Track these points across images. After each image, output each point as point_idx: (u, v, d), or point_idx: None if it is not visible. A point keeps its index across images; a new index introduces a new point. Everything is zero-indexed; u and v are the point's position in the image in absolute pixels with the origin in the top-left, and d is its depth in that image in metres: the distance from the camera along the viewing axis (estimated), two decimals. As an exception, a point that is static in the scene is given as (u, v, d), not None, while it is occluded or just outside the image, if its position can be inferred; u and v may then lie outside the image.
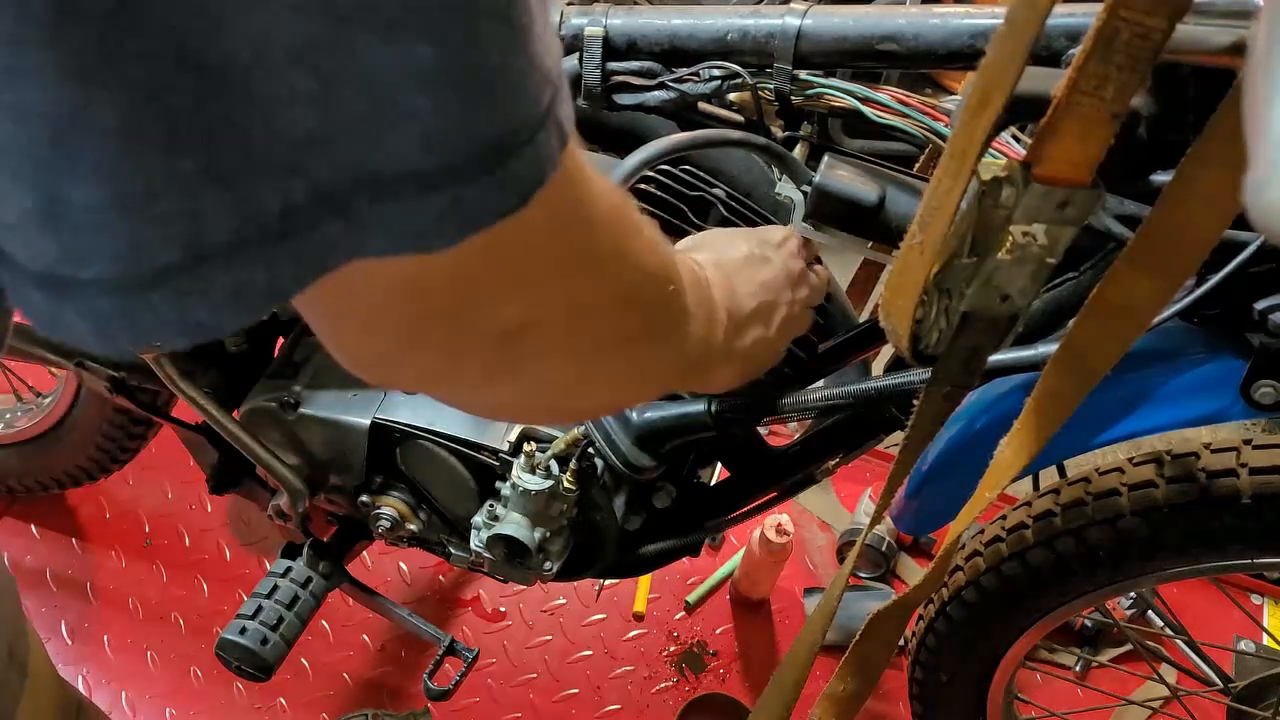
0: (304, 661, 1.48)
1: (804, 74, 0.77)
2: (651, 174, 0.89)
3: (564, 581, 1.03)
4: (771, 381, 0.85)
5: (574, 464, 0.90)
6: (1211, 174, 0.46)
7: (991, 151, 0.71)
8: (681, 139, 0.75)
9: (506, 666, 1.52)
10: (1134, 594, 1.52)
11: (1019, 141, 0.75)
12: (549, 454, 0.91)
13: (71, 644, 1.49)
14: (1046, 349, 0.73)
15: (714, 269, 0.63)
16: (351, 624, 1.53)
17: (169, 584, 1.57)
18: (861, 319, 0.93)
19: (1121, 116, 0.42)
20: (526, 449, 0.91)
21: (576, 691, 1.50)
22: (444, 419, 0.98)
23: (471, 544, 0.97)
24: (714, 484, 1.03)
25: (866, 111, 0.76)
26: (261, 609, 1.09)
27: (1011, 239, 0.48)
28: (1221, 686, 1.21)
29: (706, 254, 0.66)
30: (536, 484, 0.90)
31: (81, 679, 1.45)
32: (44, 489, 1.55)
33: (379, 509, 1.06)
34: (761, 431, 0.98)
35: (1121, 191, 0.71)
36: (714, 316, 0.59)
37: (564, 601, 1.59)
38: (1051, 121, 0.43)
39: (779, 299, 0.69)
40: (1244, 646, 1.52)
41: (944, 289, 0.51)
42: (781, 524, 1.46)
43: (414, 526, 1.07)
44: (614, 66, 0.82)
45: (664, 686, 1.51)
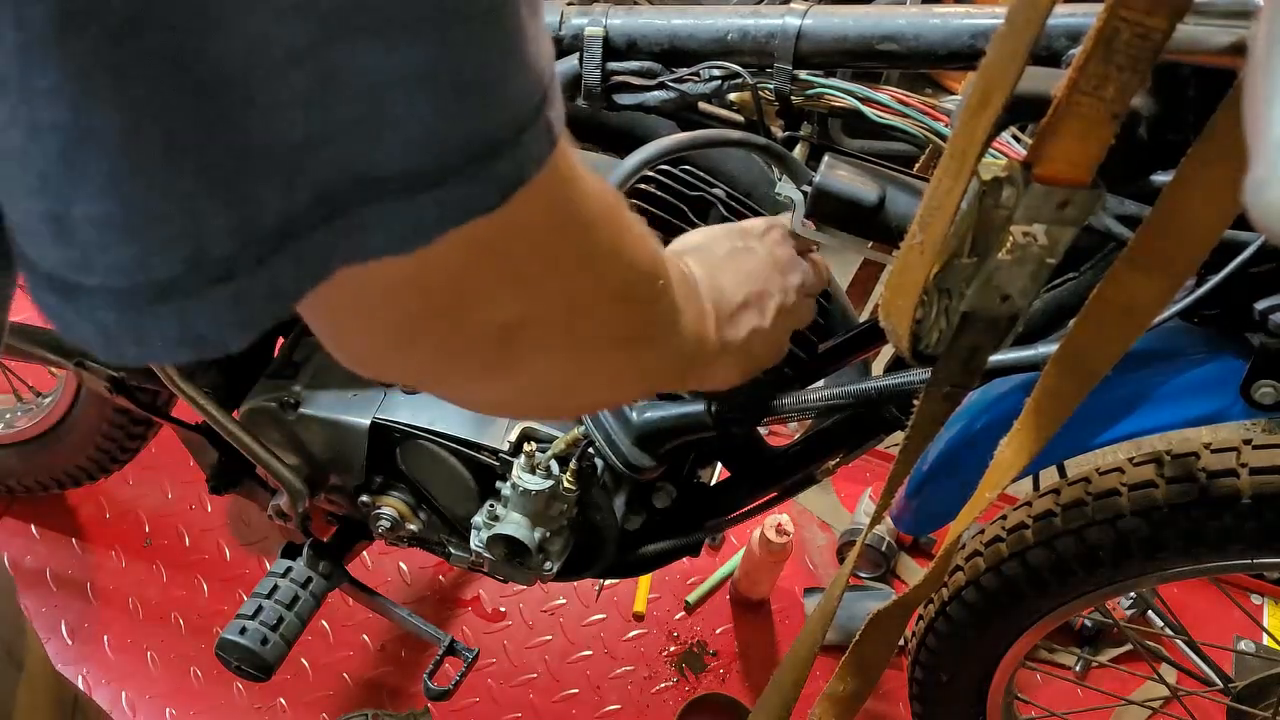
0: (304, 661, 1.48)
1: (804, 74, 0.78)
2: (651, 174, 0.89)
3: (564, 581, 1.03)
4: (771, 381, 0.85)
5: (574, 464, 0.90)
6: (1211, 174, 0.46)
7: (992, 151, 0.71)
8: (681, 139, 0.75)
9: (506, 666, 1.52)
10: (1134, 594, 1.51)
11: (1019, 141, 0.75)
12: (549, 454, 0.91)
13: (71, 644, 1.49)
14: (1046, 349, 0.73)
15: (698, 265, 0.63)
16: (351, 624, 1.53)
17: (169, 584, 1.57)
18: (861, 319, 0.93)
19: (1122, 116, 0.42)
20: (526, 449, 0.91)
21: (576, 691, 1.50)
22: (444, 419, 0.97)
23: (471, 544, 0.97)
24: (714, 484, 1.03)
25: (866, 111, 0.76)
26: (261, 609, 1.09)
27: (1011, 239, 0.48)
28: (1221, 686, 1.21)
29: (689, 252, 0.66)
30: (536, 484, 0.90)
31: (81, 679, 1.45)
32: (44, 489, 1.55)
33: (379, 509, 1.06)
34: (761, 431, 0.98)
35: (1121, 191, 0.71)
36: (703, 310, 0.60)
37: (564, 601, 1.59)
38: (1051, 121, 0.43)
39: (769, 287, 0.69)
40: (1244, 646, 1.52)
41: (944, 289, 0.51)
42: (781, 524, 1.46)
43: (414, 526, 1.06)
44: (614, 66, 0.82)
45: (664, 686, 1.51)
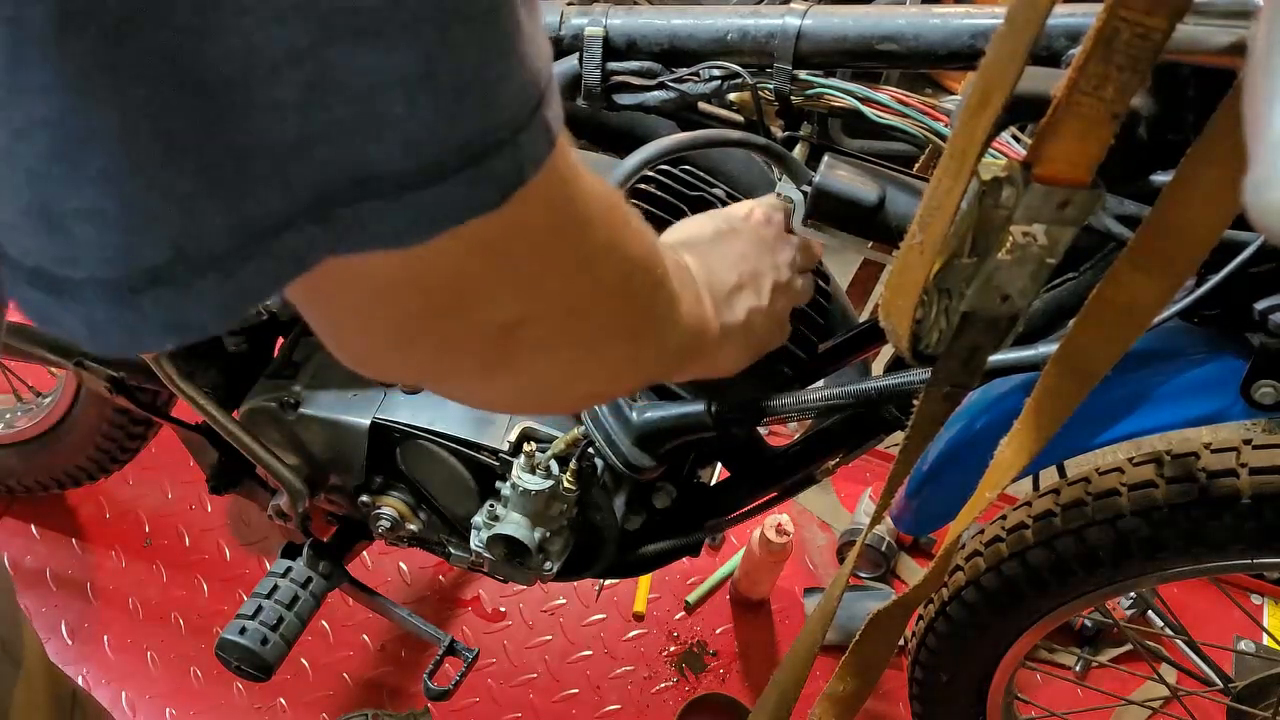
0: (304, 661, 1.48)
1: (804, 74, 0.77)
2: (651, 174, 0.89)
3: (564, 581, 1.03)
4: (771, 381, 0.85)
5: (574, 464, 0.90)
6: (1211, 174, 0.46)
7: (991, 151, 0.71)
8: (681, 139, 0.75)
9: (506, 666, 1.52)
10: (1134, 594, 1.51)
11: (1019, 141, 0.75)
12: (549, 454, 0.91)
13: (71, 644, 1.49)
14: (1046, 349, 0.73)
15: (688, 254, 0.64)
16: (351, 624, 1.53)
17: (169, 584, 1.57)
18: (861, 319, 0.93)
19: (1121, 116, 0.42)
20: (526, 449, 0.91)
21: (576, 691, 1.50)
22: (444, 419, 0.97)
23: (471, 544, 0.97)
24: (714, 484, 1.03)
25: (866, 111, 0.76)
26: (261, 609, 1.09)
27: (1011, 239, 0.48)
28: (1221, 686, 1.21)
29: (677, 243, 0.67)
30: (536, 484, 0.90)
31: (81, 679, 1.45)
32: (44, 489, 1.54)
33: (379, 509, 1.05)
34: (761, 431, 0.98)
35: (1121, 191, 0.71)
36: (699, 296, 0.60)
37: (564, 601, 1.59)
38: (1051, 121, 0.43)
39: (760, 267, 0.70)
40: (1244, 646, 1.52)
41: (944, 289, 0.51)
42: (781, 524, 1.46)
43: (414, 526, 1.06)
44: (614, 66, 0.82)
45: (664, 686, 1.51)
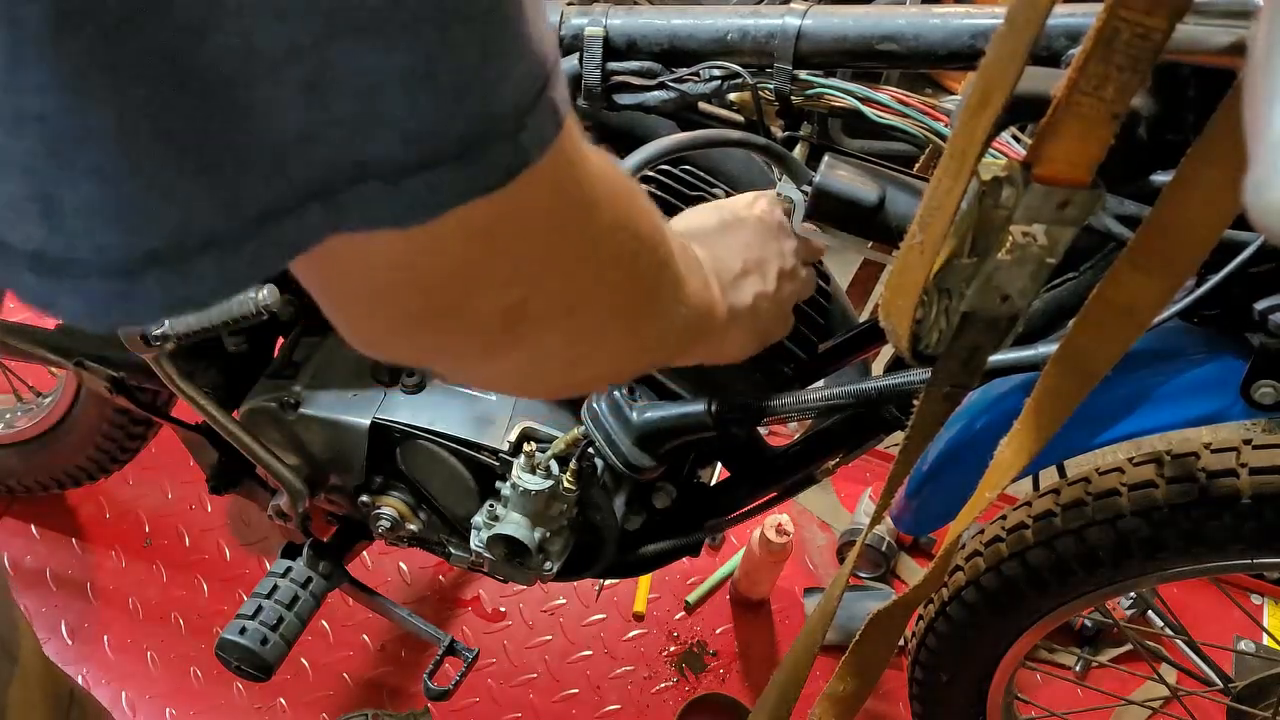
0: (304, 661, 1.48)
1: (804, 74, 0.78)
2: (651, 174, 0.89)
3: (564, 581, 1.03)
4: (771, 381, 0.85)
5: (574, 464, 0.90)
6: (1211, 174, 0.46)
7: (991, 151, 0.71)
8: (681, 139, 0.75)
9: (506, 666, 1.52)
10: (1134, 594, 1.51)
11: (1019, 141, 0.75)
12: (549, 454, 0.91)
13: (71, 644, 1.49)
14: (1046, 349, 0.73)
15: (694, 241, 0.64)
16: (351, 624, 1.53)
17: (169, 584, 1.57)
18: (861, 319, 0.93)
19: (1121, 116, 0.42)
20: (526, 449, 0.91)
21: (576, 691, 1.50)
22: (444, 419, 0.97)
23: (471, 544, 0.97)
24: (714, 484, 1.03)
25: (866, 111, 0.76)
26: (261, 609, 1.09)
27: (1011, 239, 0.48)
28: (1221, 686, 1.21)
29: (682, 231, 0.68)
30: (536, 484, 0.90)
31: (81, 679, 1.45)
32: (44, 489, 1.54)
33: (379, 509, 1.05)
34: (761, 431, 0.98)
35: (1121, 191, 0.71)
36: (706, 280, 0.61)
37: (564, 601, 1.59)
38: (1051, 121, 0.43)
39: (765, 253, 0.71)
40: (1244, 646, 1.52)
41: (944, 289, 0.51)
42: (781, 524, 1.46)
43: (414, 526, 1.06)
44: (614, 66, 0.82)
45: (664, 686, 1.51)
